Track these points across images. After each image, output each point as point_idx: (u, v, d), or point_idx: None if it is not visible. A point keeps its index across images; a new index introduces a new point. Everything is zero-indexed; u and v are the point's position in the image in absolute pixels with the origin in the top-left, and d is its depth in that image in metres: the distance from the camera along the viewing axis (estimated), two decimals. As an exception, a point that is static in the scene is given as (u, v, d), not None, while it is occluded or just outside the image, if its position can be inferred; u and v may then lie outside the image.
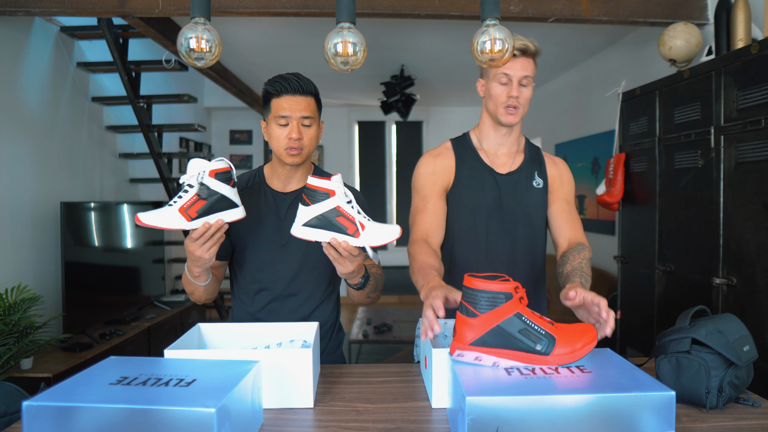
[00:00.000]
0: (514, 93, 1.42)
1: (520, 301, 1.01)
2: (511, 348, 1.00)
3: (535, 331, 1.01)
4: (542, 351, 1.01)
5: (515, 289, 1.01)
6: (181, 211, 1.17)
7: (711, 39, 2.63)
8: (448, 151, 1.54)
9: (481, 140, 1.55)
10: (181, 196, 1.19)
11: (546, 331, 1.01)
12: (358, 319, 4.45)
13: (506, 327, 1.00)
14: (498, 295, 0.99)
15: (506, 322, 1.00)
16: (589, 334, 1.03)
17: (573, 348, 1.01)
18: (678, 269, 2.37)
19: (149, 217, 1.14)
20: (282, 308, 1.46)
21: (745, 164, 1.95)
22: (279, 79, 1.40)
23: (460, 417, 0.89)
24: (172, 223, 1.16)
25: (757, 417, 1.04)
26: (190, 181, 1.20)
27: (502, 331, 1.00)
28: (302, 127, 1.39)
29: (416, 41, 3.92)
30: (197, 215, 1.18)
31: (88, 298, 3.02)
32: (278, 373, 1.08)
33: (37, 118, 2.96)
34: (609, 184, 2.85)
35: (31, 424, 0.83)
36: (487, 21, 1.28)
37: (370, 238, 1.19)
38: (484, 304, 1.00)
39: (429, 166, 1.51)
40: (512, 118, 1.45)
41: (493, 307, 1.00)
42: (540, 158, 1.57)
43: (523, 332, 1.00)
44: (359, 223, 1.19)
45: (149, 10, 2.52)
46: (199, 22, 1.33)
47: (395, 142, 7.02)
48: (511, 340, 1.00)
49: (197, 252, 1.20)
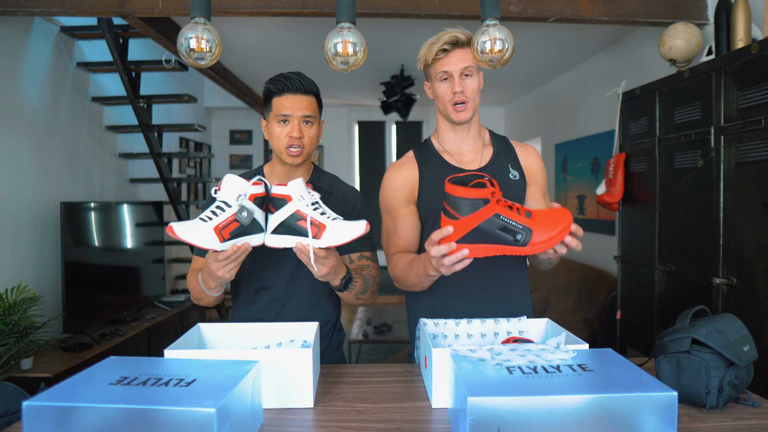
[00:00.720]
0: (457, 88, 1.36)
1: (497, 203, 1.10)
2: (491, 243, 1.11)
3: (513, 226, 1.10)
4: (521, 242, 1.10)
5: (492, 194, 1.10)
6: (216, 230, 1.15)
7: (711, 39, 2.64)
8: (410, 160, 1.49)
9: (442, 143, 1.50)
10: (216, 213, 1.17)
11: (523, 225, 1.10)
12: (358, 319, 4.45)
13: (486, 227, 1.10)
14: (476, 202, 1.08)
15: (486, 222, 1.10)
16: (564, 220, 1.11)
17: (549, 236, 1.10)
18: (678, 269, 2.37)
19: (183, 231, 1.11)
20: (282, 308, 1.46)
21: (745, 164, 1.95)
22: (281, 78, 1.40)
23: (461, 417, 0.89)
24: (206, 242, 1.14)
25: (757, 417, 1.04)
26: (227, 199, 1.18)
27: (482, 231, 1.10)
28: (303, 126, 1.39)
29: (416, 41, 3.90)
30: (230, 237, 1.17)
31: (88, 298, 3.02)
32: (278, 373, 1.08)
33: (37, 118, 2.96)
34: (609, 184, 2.85)
35: (31, 424, 0.83)
36: (487, 21, 1.29)
37: (332, 238, 1.17)
38: (464, 209, 1.09)
39: (391, 182, 1.47)
40: (463, 114, 1.40)
41: (473, 211, 1.09)
42: (510, 148, 1.51)
43: (502, 229, 1.10)
44: (319, 224, 1.18)
45: (149, 10, 2.52)
46: (199, 22, 1.33)
47: (395, 142, 7.02)
48: (491, 237, 1.10)
49: (219, 272, 1.21)
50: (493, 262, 1.41)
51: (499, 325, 1.32)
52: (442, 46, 1.35)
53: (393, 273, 1.43)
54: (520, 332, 1.31)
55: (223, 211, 1.18)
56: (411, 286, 1.38)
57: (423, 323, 1.32)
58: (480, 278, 1.43)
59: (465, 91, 1.37)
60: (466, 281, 1.43)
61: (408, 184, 1.46)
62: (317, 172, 1.54)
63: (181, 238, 1.10)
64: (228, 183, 1.20)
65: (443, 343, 1.31)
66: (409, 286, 1.39)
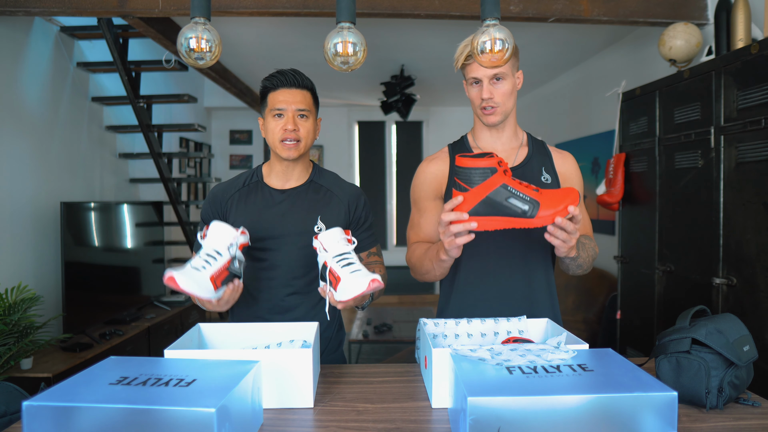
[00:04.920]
0: (485, 95, 1.38)
1: (504, 173, 1.14)
2: (500, 215, 1.14)
3: (521, 198, 1.13)
4: (528, 214, 1.13)
5: (499, 164, 1.13)
6: (212, 279, 1.17)
7: (711, 39, 2.63)
8: (443, 155, 1.52)
9: (476, 140, 1.52)
10: (209, 262, 1.19)
11: (531, 198, 1.14)
12: (358, 319, 4.45)
13: (494, 197, 1.13)
14: (485, 171, 1.12)
15: (494, 193, 1.13)
16: (570, 197, 1.15)
17: (555, 210, 1.13)
18: (678, 269, 2.37)
19: (185, 282, 1.11)
20: (282, 307, 1.46)
21: (745, 164, 1.95)
22: (276, 74, 1.41)
23: (461, 417, 0.89)
24: (204, 293, 1.15)
25: (757, 417, 1.04)
26: (217, 248, 1.21)
27: (491, 201, 1.13)
28: (298, 119, 1.40)
29: (416, 41, 3.91)
30: (222, 284, 1.20)
31: (88, 298, 3.02)
32: (278, 373, 1.08)
33: (37, 118, 2.96)
34: (609, 184, 2.85)
35: (31, 424, 0.83)
36: (487, 21, 1.28)
37: (340, 294, 1.16)
38: (474, 180, 1.13)
39: (421, 175, 1.51)
40: (492, 118, 1.42)
41: (481, 181, 1.13)
42: (546, 152, 1.52)
43: (510, 200, 1.13)
44: (336, 277, 1.19)
45: (149, 10, 2.51)
46: (199, 22, 1.33)
47: (395, 142, 7.02)
48: (500, 208, 1.13)
49: (217, 309, 1.26)
50: (515, 271, 1.43)
51: (499, 325, 1.32)
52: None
53: (409, 261, 1.49)
54: (520, 332, 1.31)
55: (215, 260, 1.19)
56: (424, 273, 1.42)
57: (423, 323, 1.32)
58: (502, 291, 1.44)
59: (494, 96, 1.40)
60: (487, 292, 1.44)
61: (436, 178, 1.49)
62: (317, 170, 1.54)
63: (183, 290, 1.12)
64: (217, 231, 1.23)
65: (443, 342, 1.31)
66: (422, 273, 1.43)
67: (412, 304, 6.39)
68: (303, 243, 1.44)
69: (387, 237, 7.01)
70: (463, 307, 1.45)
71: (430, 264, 1.36)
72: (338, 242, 1.23)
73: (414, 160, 6.90)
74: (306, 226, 1.45)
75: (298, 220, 1.45)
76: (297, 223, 1.45)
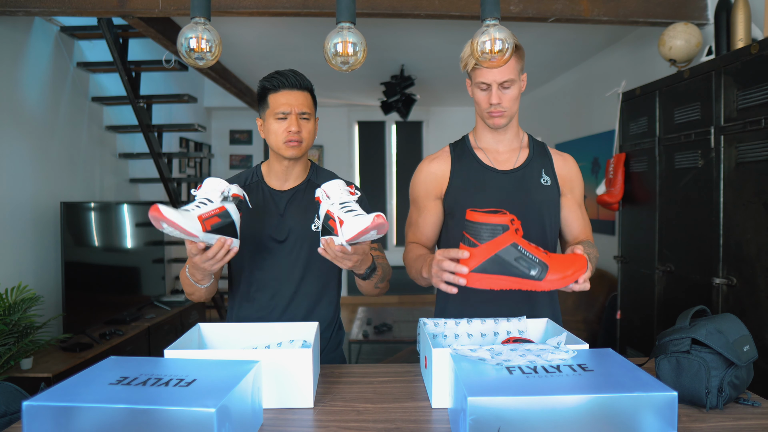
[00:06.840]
0: (494, 100, 1.38)
1: (516, 232, 1.12)
2: (508, 274, 1.11)
3: (530, 259, 1.11)
4: (536, 276, 1.11)
5: (511, 222, 1.12)
6: (200, 219, 1.15)
7: (711, 39, 2.63)
8: (444, 154, 1.52)
9: (478, 140, 1.52)
10: (199, 206, 1.17)
11: (540, 260, 1.12)
12: (358, 319, 4.44)
13: (504, 255, 1.11)
14: (496, 227, 1.10)
15: (504, 251, 1.11)
16: (579, 263, 1.13)
17: (564, 275, 1.12)
18: (678, 269, 2.37)
19: (169, 212, 1.09)
20: (281, 306, 1.46)
21: (745, 164, 1.95)
22: (276, 75, 1.41)
23: (461, 417, 0.89)
24: (189, 226, 1.13)
25: (757, 417, 1.04)
26: (209, 196, 1.20)
27: (500, 260, 1.11)
28: (300, 121, 1.41)
29: (416, 41, 3.91)
30: (211, 229, 1.17)
31: (88, 298, 3.02)
32: (278, 373, 1.08)
33: (37, 118, 2.96)
34: (609, 184, 2.85)
35: (31, 424, 0.83)
36: (487, 21, 1.28)
37: (346, 233, 1.15)
38: (483, 236, 1.11)
39: (421, 174, 1.51)
40: (498, 120, 1.42)
41: (492, 238, 1.10)
42: (546, 154, 1.52)
43: (519, 260, 1.11)
44: (338, 220, 1.18)
45: (149, 10, 2.52)
46: (199, 22, 1.33)
47: (395, 142, 7.01)
48: (508, 267, 1.11)
49: (205, 266, 1.21)
50: None
51: (499, 325, 1.32)
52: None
53: (404, 260, 1.51)
54: (520, 332, 1.31)
55: (205, 205, 1.18)
56: (413, 277, 1.44)
57: (423, 323, 1.32)
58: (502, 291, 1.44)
59: (502, 102, 1.39)
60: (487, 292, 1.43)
61: (436, 178, 1.49)
62: (315, 169, 1.54)
63: (165, 217, 1.08)
64: (210, 183, 1.22)
65: (443, 342, 1.31)
66: (412, 276, 1.45)
67: (412, 304, 6.39)
68: (302, 242, 1.44)
69: (387, 237, 7.01)
70: (463, 308, 1.46)
71: (417, 273, 1.38)
72: (341, 192, 1.23)
73: (414, 161, 6.90)
74: (305, 225, 1.45)
75: (297, 219, 1.45)
76: (296, 223, 1.45)
